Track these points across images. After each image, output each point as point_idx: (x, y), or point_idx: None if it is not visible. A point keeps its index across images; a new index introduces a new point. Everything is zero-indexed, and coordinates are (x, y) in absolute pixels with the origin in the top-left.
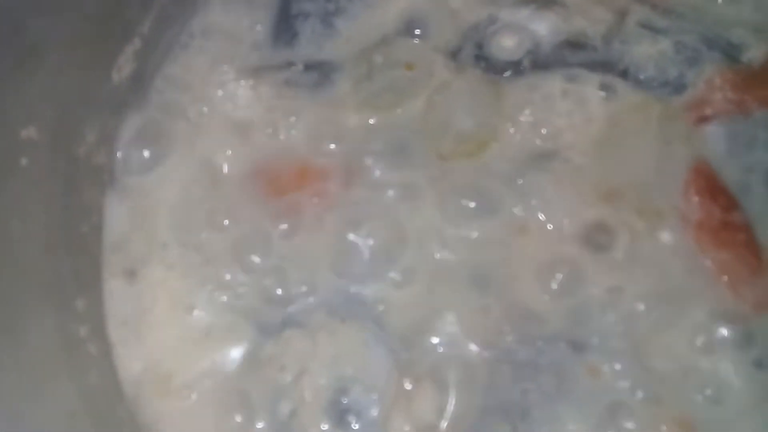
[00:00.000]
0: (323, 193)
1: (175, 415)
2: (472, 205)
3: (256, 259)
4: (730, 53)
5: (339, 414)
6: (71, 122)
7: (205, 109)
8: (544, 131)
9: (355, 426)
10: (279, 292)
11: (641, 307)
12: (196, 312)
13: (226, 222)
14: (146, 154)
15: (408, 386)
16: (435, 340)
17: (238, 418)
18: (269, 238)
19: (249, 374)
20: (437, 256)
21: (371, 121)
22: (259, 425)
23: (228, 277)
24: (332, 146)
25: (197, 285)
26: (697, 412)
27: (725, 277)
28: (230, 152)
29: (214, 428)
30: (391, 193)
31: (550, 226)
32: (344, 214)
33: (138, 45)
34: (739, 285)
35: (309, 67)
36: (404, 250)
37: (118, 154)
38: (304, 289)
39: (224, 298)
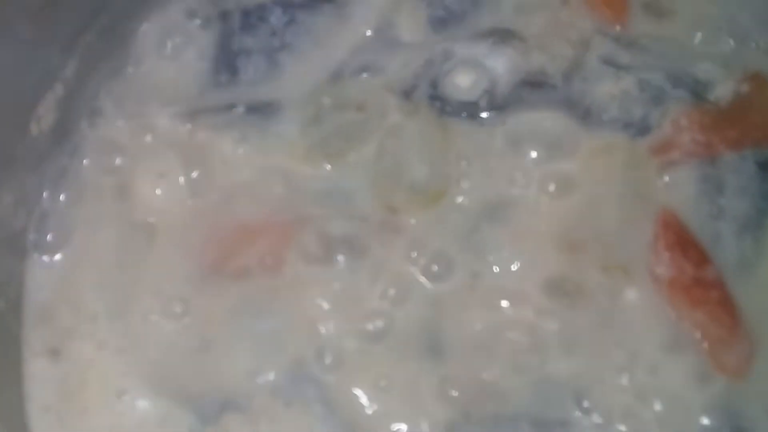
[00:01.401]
0: (267, 258)
1: None
2: (424, 264)
3: (194, 338)
4: (697, 91)
5: None
6: None
7: (136, 160)
8: (500, 179)
9: None
10: (218, 371)
11: (610, 377)
12: (128, 396)
13: (163, 292)
14: (70, 214)
15: None
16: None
17: None
18: (207, 310)
19: None
20: (386, 319)
21: (319, 171)
22: None
23: (163, 355)
24: (276, 200)
25: (130, 365)
26: None
27: (703, 342)
28: (164, 210)
29: None
30: (338, 253)
31: (507, 285)
32: (287, 282)
33: (60, 92)
34: (716, 349)
35: (251, 108)
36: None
37: (39, 216)
38: (245, 367)
39: (159, 379)
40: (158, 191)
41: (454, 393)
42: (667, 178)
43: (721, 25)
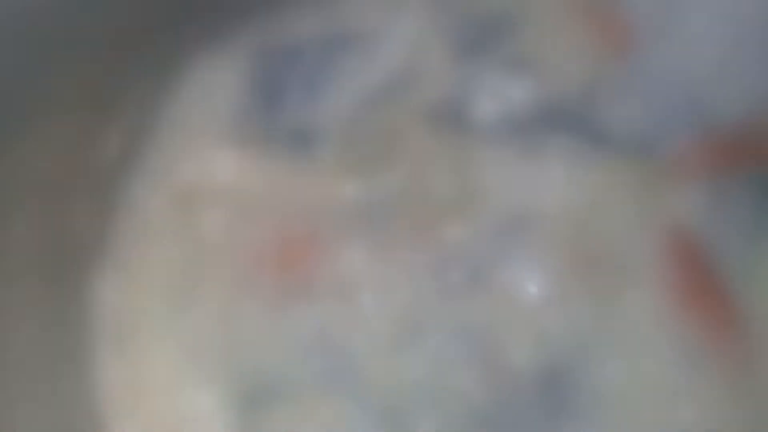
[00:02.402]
0: (309, 267)
1: None
2: (450, 270)
3: (244, 338)
4: (706, 117)
5: None
6: (60, 198)
7: (189, 181)
8: (520, 196)
9: None
10: (268, 370)
11: (620, 369)
12: (189, 389)
13: (215, 298)
14: (133, 230)
15: None
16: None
17: None
18: (259, 313)
19: None
20: (419, 323)
21: (353, 191)
22: None
23: (216, 355)
24: (315, 218)
25: (185, 365)
26: None
27: (705, 341)
28: (216, 226)
29: None
30: (373, 265)
31: (526, 291)
32: (329, 289)
33: (124, 123)
34: (717, 349)
35: (291, 135)
36: (385, 319)
37: (106, 231)
38: (292, 363)
39: (213, 376)
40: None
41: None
42: (676, 197)
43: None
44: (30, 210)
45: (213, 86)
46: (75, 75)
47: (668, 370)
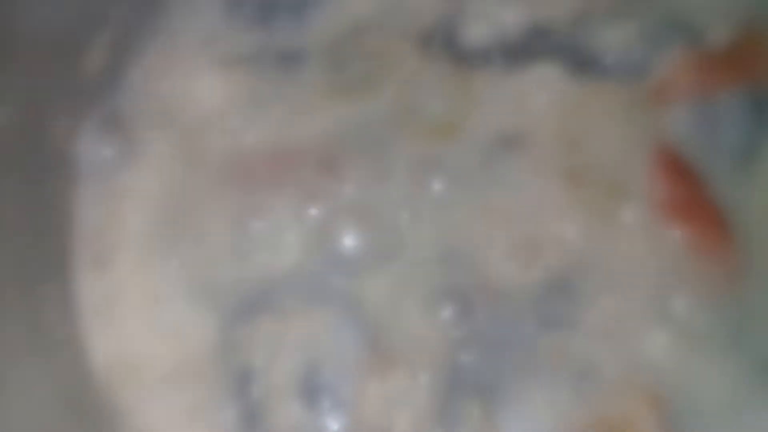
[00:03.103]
0: (299, 183)
1: (144, 400)
2: (441, 186)
3: (230, 249)
4: (693, 37)
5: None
6: (40, 111)
7: (178, 100)
8: (511, 115)
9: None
10: (251, 281)
11: (610, 283)
12: (166, 303)
13: (200, 213)
14: (117, 145)
15: (379, 365)
16: (407, 320)
17: (209, 404)
18: (244, 229)
19: (220, 360)
20: (408, 237)
21: (342, 109)
22: (229, 409)
23: (200, 267)
24: (305, 135)
25: (169, 276)
26: (671, 387)
27: (694, 252)
28: (203, 142)
29: (184, 415)
30: (362, 175)
31: (518, 205)
32: (321, 202)
33: (109, 37)
34: (708, 257)
35: (280, 57)
36: (375, 233)
37: (89, 145)
38: (276, 276)
39: (196, 287)
40: (196, 128)
41: (467, 293)
42: (665, 115)
43: None
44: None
45: (200, 6)
46: None
47: (661, 276)
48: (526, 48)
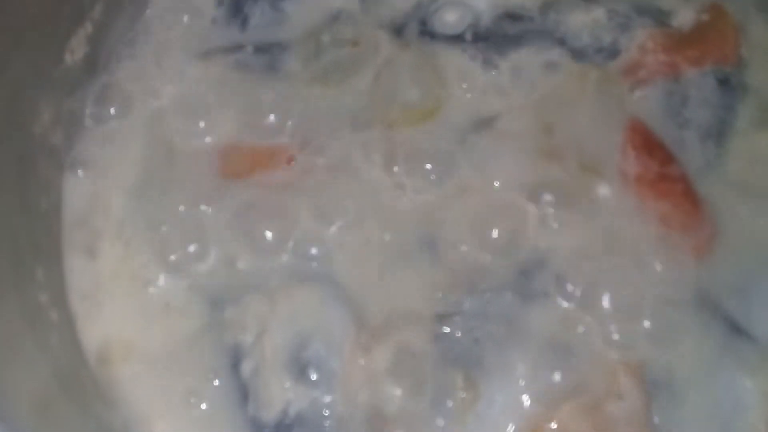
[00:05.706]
0: (279, 169)
1: (138, 379)
2: (419, 168)
3: (212, 235)
4: (660, 19)
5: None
6: (26, 102)
7: (158, 90)
8: (485, 99)
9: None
10: (237, 263)
11: (587, 257)
12: (154, 286)
13: (181, 199)
14: (101, 134)
15: (364, 339)
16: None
17: (200, 381)
18: (224, 214)
19: (209, 338)
20: (387, 218)
21: (320, 97)
22: (221, 385)
23: (185, 251)
24: (283, 123)
25: (155, 261)
26: (647, 355)
27: (666, 225)
28: (183, 132)
29: (176, 392)
30: (341, 161)
31: (494, 185)
32: (300, 187)
33: (89, 29)
34: (679, 232)
35: (259, 49)
36: (356, 214)
37: (74, 134)
38: (260, 256)
39: (182, 271)
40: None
41: (447, 268)
42: (635, 94)
43: None
44: None
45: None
46: None
47: (635, 248)
48: (498, 33)
